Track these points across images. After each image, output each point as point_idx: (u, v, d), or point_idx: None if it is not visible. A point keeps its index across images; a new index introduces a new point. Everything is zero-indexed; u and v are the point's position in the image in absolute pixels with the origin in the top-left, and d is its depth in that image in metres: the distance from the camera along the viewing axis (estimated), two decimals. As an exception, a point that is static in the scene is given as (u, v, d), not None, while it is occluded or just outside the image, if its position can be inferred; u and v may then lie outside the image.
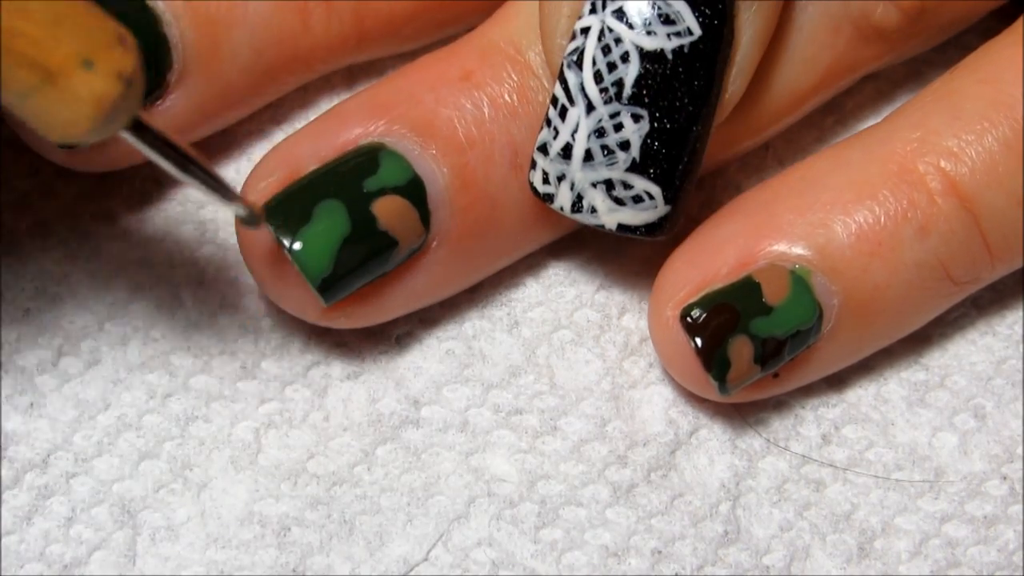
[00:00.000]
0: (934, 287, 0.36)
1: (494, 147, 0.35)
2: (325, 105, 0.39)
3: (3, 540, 0.35)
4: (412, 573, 0.35)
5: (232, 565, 0.35)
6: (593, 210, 0.33)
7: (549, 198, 0.34)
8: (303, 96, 0.39)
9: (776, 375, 0.36)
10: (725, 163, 0.38)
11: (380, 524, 0.36)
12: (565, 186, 0.34)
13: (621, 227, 0.34)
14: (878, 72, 0.40)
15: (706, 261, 0.35)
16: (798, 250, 0.35)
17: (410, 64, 0.36)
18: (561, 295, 0.38)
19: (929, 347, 0.38)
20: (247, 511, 0.35)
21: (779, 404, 0.37)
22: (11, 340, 0.36)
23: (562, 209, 0.34)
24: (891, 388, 0.38)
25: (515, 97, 0.35)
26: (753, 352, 0.35)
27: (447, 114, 0.35)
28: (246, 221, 0.32)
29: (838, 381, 0.37)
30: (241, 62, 0.36)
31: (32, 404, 0.36)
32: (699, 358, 0.35)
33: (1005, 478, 0.37)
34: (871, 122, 0.40)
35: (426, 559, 0.35)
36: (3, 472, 0.35)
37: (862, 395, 0.37)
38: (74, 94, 0.27)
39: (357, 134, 0.35)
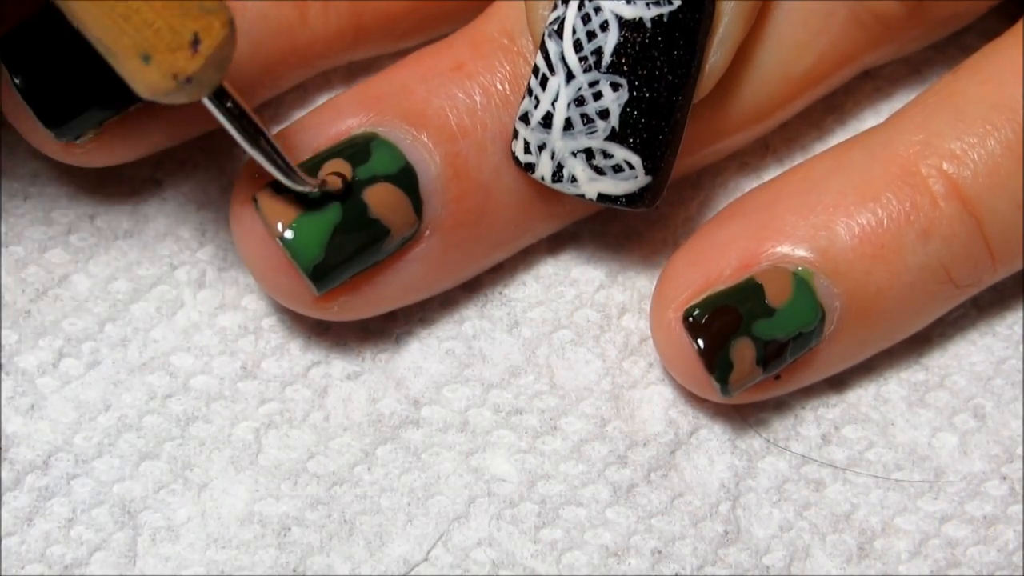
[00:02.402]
0: (936, 290, 0.36)
1: (486, 136, 0.35)
2: (322, 95, 0.39)
3: (4, 541, 0.35)
4: (412, 573, 0.35)
5: (232, 565, 0.35)
6: (573, 179, 0.34)
7: (531, 168, 0.34)
8: (302, 95, 0.39)
9: (778, 377, 0.36)
10: (722, 153, 0.38)
11: (380, 524, 0.36)
12: (546, 155, 0.34)
13: (601, 196, 0.34)
14: (877, 71, 0.40)
15: (708, 262, 0.35)
16: (801, 252, 0.35)
17: (404, 58, 0.37)
18: (561, 295, 0.38)
19: (929, 347, 0.38)
20: (247, 511, 0.35)
21: (779, 404, 0.37)
22: (12, 342, 0.36)
23: (543, 179, 0.34)
24: (891, 388, 0.38)
25: (507, 86, 0.35)
26: (755, 354, 0.34)
27: (439, 104, 0.35)
28: (314, 196, 0.34)
29: (838, 381, 0.37)
30: (239, 55, 0.36)
31: (33, 406, 0.36)
32: (701, 360, 0.35)
33: (1005, 478, 0.37)
34: (871, 121, 0.40)
35: (426, 559, 0.35)
36: (4, 474, 0.35)
37: (862, 395, 0.37)
38: (131, 76, 0.30)
39: (350, 125, 0.35)
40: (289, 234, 0.34)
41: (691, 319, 0.35)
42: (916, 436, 0.37)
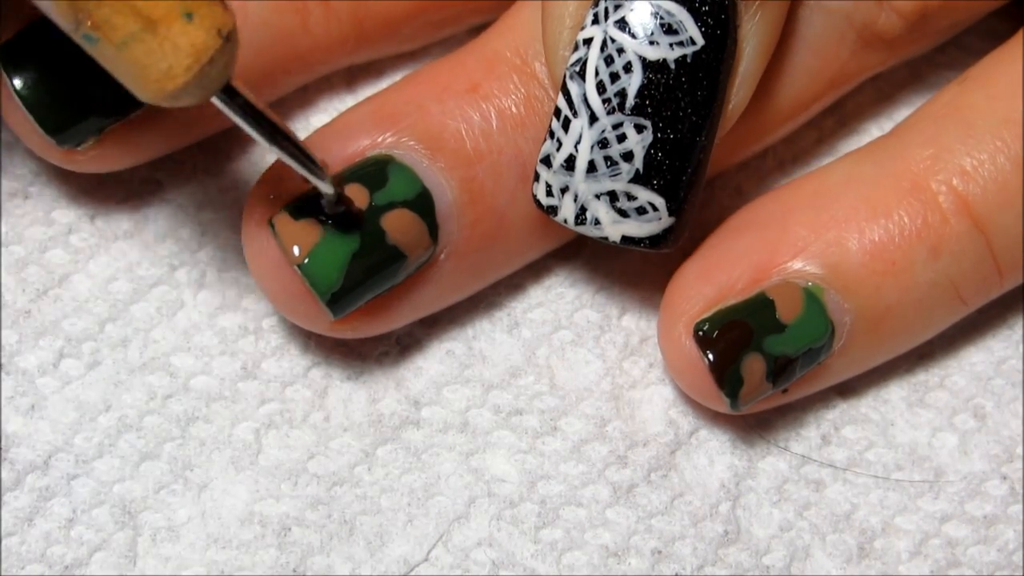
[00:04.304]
0: (944, 306, 0.36)
1: (502, 160, 0.35)
2: (324, 105, 0.39)
3: (4, 541, 0.35)
4: (412, 573, 0.35)
5: (232, 565, 0.35)
6: (597, 222, 0.33)
7: (553, 210, 0.34)
8: (302, 96, 0.39)
9: (785, 390, 0.36)
10: (727, 169, 0.38)
11: (380, 524, 0.36)
12: (569, 198, 0.33)
13: (625, 239, 0.33)
14: (879, 73, 0.40)
15: (719, 276, 0.35)
16: (812, 268, 0.35)
17: (415, 73, 0.36)
18: (561, 296, 0.38)
19: (929, 347, 0.38)
20: (247, 511, 0.35)
21: (779, 405, 0.37)
22: (12, 342, 0.36)
23: (565, 221, 0.34)
24: (891, 388, 0.38)
25: (522, 109, 0.35)
26: (765, 369, 0.34)
27: (455, 126, 0.35)
28: (331, 200, 0.33)
29: (838, 382, 0.37)
30: (241, 62, 0.36)
31: (33, 406, 0.36)
32: (712, 374, 0.34)
33: (1005, 478, 0.37)
34: (871, 123, 0.40)
35: (426, 559, 0.35)
36: (4, 474, 0.35)
37: (862, 395, 0.38)
38: (174, 43, 0.28)
39: (365, 145, 0.35)
40: (307, 261, 0.33)
41: (702, 333, 0.35)
42: (916, 436, 0.37)
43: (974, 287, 0.36)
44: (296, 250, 0.33)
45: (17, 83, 0.34)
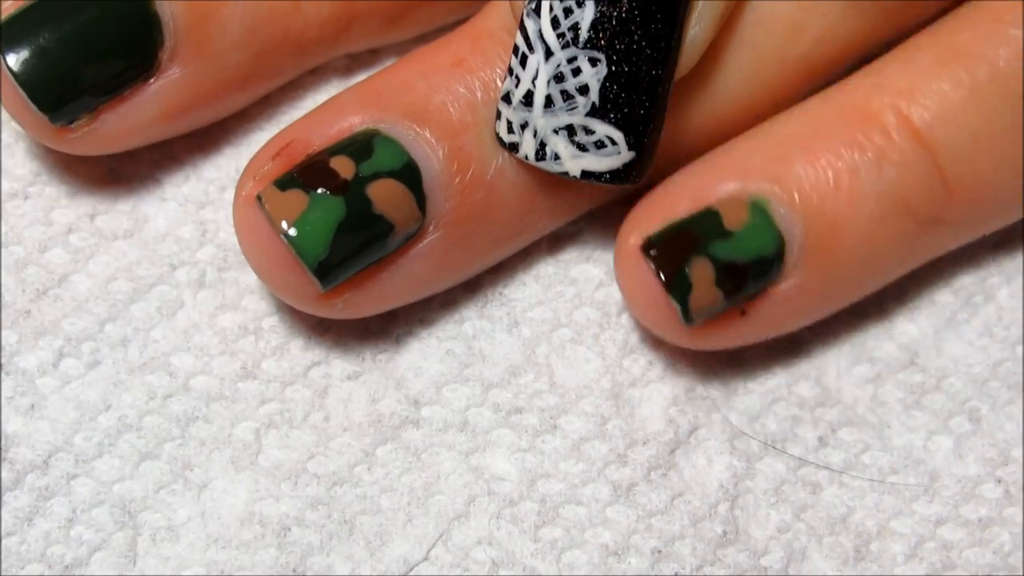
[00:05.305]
0: (896, 223, 0.36)
1: (487, 131, 0.35)
2: (320, 99, 0.38)
3: (4, 541, 0.35)
4: (412, 573, 0.35)
5: (232, 565, 0.35)
6: (556, 157, 0.34)
7: (515, 147, 0.34)
8: (298, 91, 0.39)
9: (743, 312, 0.36)
10: (720, 141, 0.38)
11: (380, 524, 0.36)
12: (528, 134, 0.34)
13: (585, 174, 0.34)
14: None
15: (668, 200, 0.36)
16: (757, 183, 0.35)
17: (404, 56, 0.36)
18: (560, 294, 0.38)
19: (925, 349, 0.38)
20: (247, 511, 0.35)
21: (775, 403, 0.37)
22: (12, 342, 0.36)
23: (527, 157, 0.34)
24: (887, 391, 0.38)
25: None
26: (714, 275, 0.35)
27: (440, 99, 0.35)
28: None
29: (835, 382, 0.38)
30: (233, 40, 0.36)
31: (33, 406, 0.36)
32: (659, 279, 0.35)
33: (1000, 481, 0.37)
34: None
35: (426, 558, 0.36)
36: (4, 474, 0.35)
37: (858, 397, 0.38)
38: None
39: (352, 123, 0.35)
40: (294, 231, 0.33)
41: (650, 248, 0.35)
42: (912, 439, 0.38)
43: (923, 201, 0.36)
44: (284, 222, 0.34)
45: (11, 60, 0.34)
